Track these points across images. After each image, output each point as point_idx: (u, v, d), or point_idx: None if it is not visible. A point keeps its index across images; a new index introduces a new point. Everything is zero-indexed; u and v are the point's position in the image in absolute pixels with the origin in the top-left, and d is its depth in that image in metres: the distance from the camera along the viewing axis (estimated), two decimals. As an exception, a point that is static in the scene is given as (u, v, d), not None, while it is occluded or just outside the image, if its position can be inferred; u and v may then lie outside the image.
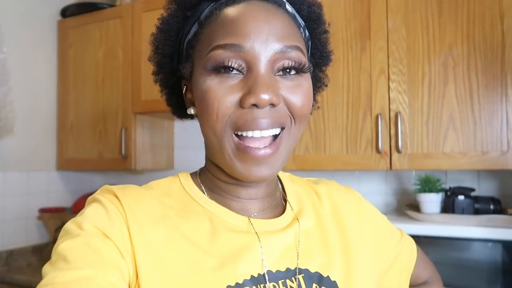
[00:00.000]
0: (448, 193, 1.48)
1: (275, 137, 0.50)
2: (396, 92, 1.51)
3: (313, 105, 0.60)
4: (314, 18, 0.56)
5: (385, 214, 1.78)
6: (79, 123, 2.21)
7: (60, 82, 2.27)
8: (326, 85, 0.63)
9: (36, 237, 2.16)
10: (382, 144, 1.52)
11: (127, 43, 2.08)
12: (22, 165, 2.09)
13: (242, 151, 0.48)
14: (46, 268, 0.45)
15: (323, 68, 0.61)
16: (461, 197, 1.43)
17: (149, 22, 2.01)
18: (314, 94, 0.61)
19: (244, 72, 0.48)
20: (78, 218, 0.49)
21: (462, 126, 1.42)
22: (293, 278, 0.51)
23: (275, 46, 0.48)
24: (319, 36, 0.58)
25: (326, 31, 0.59)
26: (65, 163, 2.24)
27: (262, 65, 0.47)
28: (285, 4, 0.53)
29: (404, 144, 1.49)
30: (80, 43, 2.22)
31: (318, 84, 0.62)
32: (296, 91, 0.49)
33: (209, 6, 0.52)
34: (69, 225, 0.48)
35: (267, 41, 0.47)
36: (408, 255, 0.69)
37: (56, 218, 2.15)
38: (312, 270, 0.53)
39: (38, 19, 2.20)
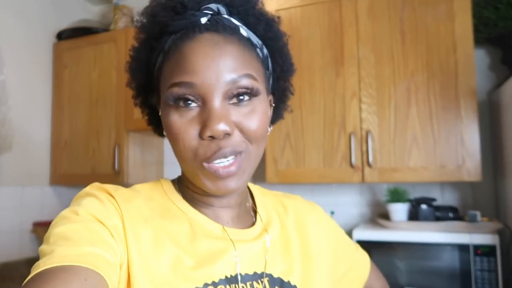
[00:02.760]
0: (413, 203, 1.66)
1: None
2: (367, 113, 1.69)
3: (286, 109, 0.68)
4: (271, 36, 0.59)
5: (359, 223, 1.95)
6: (73, 140, 2.32)
7: (55, 101, 2.39)
8: (292, 94, 0.67)
9: (29, 250, 2.24)
10: (355, 159, 1.69)
11: (121, 65, 2.22)
12: (18, 180, 2.19)
13: (212, 173, 0.53)
14: (46, 247, 0.46)
15: (287, 78, 0.66)
16: (424, 206, 1.61)
17: (141, 47, 2.16)
18: (284, 103, 0.67)
19: (200, 105, 0.52)
20: (75, 207, 0.51)
21: (424, 144, 1.61)
22: (259, 281, 0.57)
23: (226, 78, 0.51)
24: (279, 51, 0.62)
25: (284, 46, 0.62)
26: (58, 178, 2.35)
27: (215, 97, 0.51)
28: (239, 29, 0.55)
29: (374, 159, 1.67)
30: (74, 64, 2.35)
31: (285, 93, 0.67)
32: (251, 117, 0.54)
33: (171, 38, 0.55)
34: (65, 212, 0.51)
35: (218, 74, 0.51)
36: (362, 267, 0.77)
37: (49, 231, 2.24)
38: (275, 275, 0.59)
39: (35, 42, 2.32)
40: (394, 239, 1.57)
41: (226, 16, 0.55)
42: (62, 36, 2.38)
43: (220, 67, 0.51)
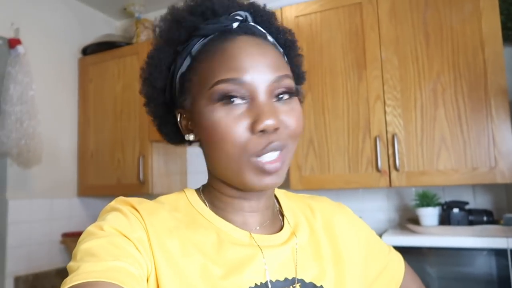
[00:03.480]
0: (444, 206, 1.61)
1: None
2: (392, 116, 1.66)
3: None
4: (289, 44, 0.63)
5: (387, 229, 1.91)
6: (99, 152, 2.37)
7: (81, 114, 2.45)
8: (302, 102, 0.68)
9: (59, 261, 2.28)
10: (381, 163, 1.66)
11: (144, 77, 2.25)
12: (47, 192, 2.24)
13: (261, 167, 0.53)
14: (73, 264, 0.47)
15: (300, 86, 0.68)
16: (456, 210, 1.56)
17: (164, 58, 2.20)
18: None
19: (248, 101, 0.53)
20: (100, 222, 0.52)
21: (453, 145, 1.56)
22: (291, 287, 0.56)
23: (271, 77, 0.54)
24: (294, 60, 0.65)
25: (299, 55, 0.66)
26: (85, 190, 2.39)
27: (262, 94, 0.53)
28: (266, 36, 0.59)
29: (402, 163, 1.63)
30: (99, 78, 2.41)
31: None
32: (291, 114, 0.55)
33: (200, 41, 0.57)
34: (91, 228, 0.52)
35: (264, 72, 0.53)
36: (396, 268, 0.75)
37: (77, 242, 2.28)
38: (307, 280, 0.58)
39: (61, 57, 2.39)
40: (425, 245, 1.52)
41: (252, 24, 0.59)
42: (87, 51, 2.45)
43: (266, 66, 0.54)
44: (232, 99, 0.53)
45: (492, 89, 1.52)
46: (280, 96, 0.55)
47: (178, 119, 0.61)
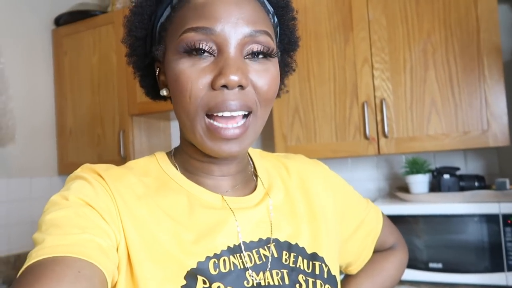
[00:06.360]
0: (435, 173, 1.55)
1: (244, 116, 0.52)
2: (380, 80, 1.57)
3: (281, 89, 0.65)
4: (282, 5, 0.58)
5: (377, 198, 1.85)
6: (78, 128, 2.27)
7: (57, 89, 2.33)
8: (294, 70, 0.66)
9: (42, 241, 2.22)
10: (370, 130, 1.58)
11: (120, 47, 2.14)
12: (25, 171, 2.15)
13: (213, 131, 0.50)
14: (38, 235, 0.45)
15: (291, 53, 0.64)
16: (446, 176, 1.50)
17: (140, 26, 2.07)
18: (283, 78, 0.64)
19: (215, 54, 0.50)
20: (64, 192, 0.50)
21: (444, 109, 1.49)
22: (265, 247, 0.55)
23: (245, 30, 0.50)
24: (287, 23, 0.60)
25: (294, 18, 0.61)
26: (66, 168, 2.30)
27: (232, 48, 0.49)
28: None
29: (390, 129, 1.56)
30: (74, 50, 2.28)
31: (286, 68, 0.65)
32: (264, 75, 0.51)
33: None
34: (55, 197, 0.50)
35: (237, 24, 0.49)
36: (374, 222, 0.74)
37: (60, 221, 2.22)
38: (282, 240, 0.57)
39: (33, 29, 2.26)
40: (415, 213, 1.46)
41: None
42: (60, 21, 2.31)
43: (241, 16, 0.50)
44: (200, 51, 0.49)
45: (485, 48, 1.43)
46: (255, 54, 0.51)
47: (157, 73, 0.59)
